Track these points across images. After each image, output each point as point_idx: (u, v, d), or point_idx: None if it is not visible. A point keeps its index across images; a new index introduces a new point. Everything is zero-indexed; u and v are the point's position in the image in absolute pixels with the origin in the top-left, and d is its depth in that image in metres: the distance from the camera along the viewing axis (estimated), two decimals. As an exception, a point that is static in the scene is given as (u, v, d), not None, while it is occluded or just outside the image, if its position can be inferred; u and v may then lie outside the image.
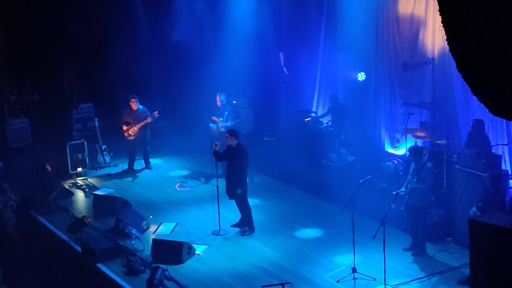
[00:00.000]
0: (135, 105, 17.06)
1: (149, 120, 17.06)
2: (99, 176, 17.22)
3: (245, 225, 13.61)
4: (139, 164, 17.59)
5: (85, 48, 20.30)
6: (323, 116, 17.39)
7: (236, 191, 13.27)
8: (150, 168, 17.57)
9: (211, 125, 16.61)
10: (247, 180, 13.73)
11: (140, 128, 17.07)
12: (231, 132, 13.51)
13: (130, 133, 17.05)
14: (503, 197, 11.53)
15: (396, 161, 15.07)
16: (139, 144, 17.36)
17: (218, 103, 16.69)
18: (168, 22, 19.63)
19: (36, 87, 20.55)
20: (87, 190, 16.14)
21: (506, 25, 3.74)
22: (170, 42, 20.06)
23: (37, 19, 20.05)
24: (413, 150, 12.44)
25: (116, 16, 19.83)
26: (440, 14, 3.94)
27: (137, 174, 17.28)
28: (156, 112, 17.09)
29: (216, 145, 13.55)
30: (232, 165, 13.35)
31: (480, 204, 11.37)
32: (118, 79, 20.92)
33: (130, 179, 17.01)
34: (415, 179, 12.00)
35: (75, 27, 19.99)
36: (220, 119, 16.51)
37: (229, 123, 16.36)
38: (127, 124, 17.11)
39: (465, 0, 3.79)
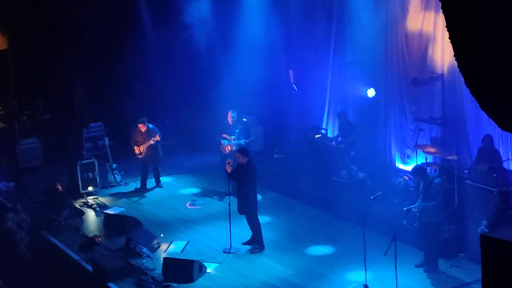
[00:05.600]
0: (143, 127, 17.05)
1: (152, 141, 17.01)
2: (110, 195, 17.23)
3: (255, 242, 13.58)
4: (150, 182, 17.56)
5: (94, 67, 20.42)
6: (337, 137, 17.19)
7: (247, 207, 13.28)
8: (161, 187, 17.57)
9: (223, 141, 16.60)
10: (258, 197, 13.72)
11: (147, 147, 17.08)
12: (242, 151, 13.51)
13: (140, 150, 17.06)
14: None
15: (407, 177, 15.00)
16: (150, 162, 17.36)
17: (230, 120, 16.68)
18: (177, 41, 19.71)
19: (48, 106, 20.65)
20: (98, 209, 16.13)
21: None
22: (179, 61, 20.14)
23: (46, 39, 20.20)
24: (415, 171, 12.35)
25: (125, 35, 19.94)
26: (447, 30, 3.94)
27: (147, 193, 17.27)
28: (158, 134, 17.03)
29: (228, 162, 13.56)
30: (242, 182, 13.35)
31: (490, 220, 11.30)
32: (128, 97, 21.03)
33: (140, 198, 17.01)
34: (423, 198, 11.93)
35: (84, 48, 20.14)
36: (233, 137, 16.49)
37: (242, 141, 16.34)
38: (137, 143, 17.11)
39: (472, 16, 3.79)
